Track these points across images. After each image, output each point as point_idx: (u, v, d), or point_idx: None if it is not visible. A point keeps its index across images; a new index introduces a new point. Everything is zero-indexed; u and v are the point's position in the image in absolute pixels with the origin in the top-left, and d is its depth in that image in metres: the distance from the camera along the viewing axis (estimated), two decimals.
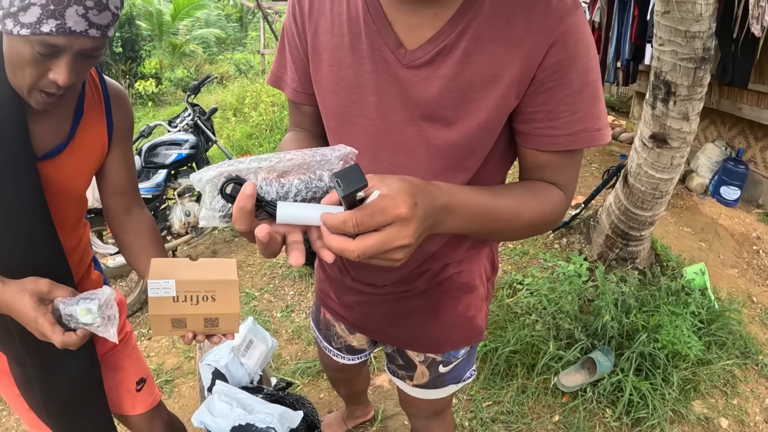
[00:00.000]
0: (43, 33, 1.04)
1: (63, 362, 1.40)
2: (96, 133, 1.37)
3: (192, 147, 4.09)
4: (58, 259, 1.33)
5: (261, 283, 4.07)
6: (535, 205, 1.05)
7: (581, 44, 0.98)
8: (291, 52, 1.23)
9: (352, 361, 1.70)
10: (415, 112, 1.07)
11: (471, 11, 0.98)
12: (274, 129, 7.48)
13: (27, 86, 1.13)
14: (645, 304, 3.09)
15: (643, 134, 3.37)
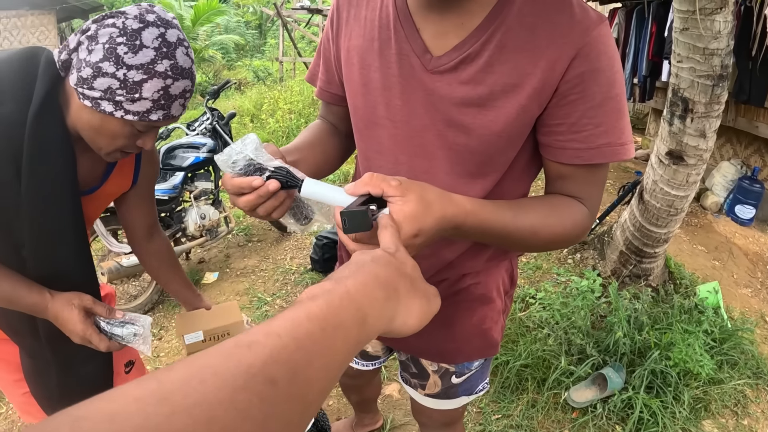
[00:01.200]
0: (150, 120, 1.19)
1: (83, 362, 1.51)
2: (122, 179, 1.51)
3: (209, 151, 4.12)
4: (91, 277, 1.46)
5: (273, 289, 4.09)
6: (555, 223, 1.06)
7: (605, 57, 1.00)
8: (324, 54, 1.33)
9: (365, 367, 1.71)
10: (437, 117, 1.10)
11: (496, 21, 1.02)
12: (290, 136, 7.53)
13: (111, 150, 1.27)
14: (657, 322, 3.07)
15: (659, 151, 3.37)
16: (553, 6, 1.01)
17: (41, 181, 1.23)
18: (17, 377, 1.56)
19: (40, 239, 1.29)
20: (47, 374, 1.51)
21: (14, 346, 1.51)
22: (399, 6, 1.12)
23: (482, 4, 1.03)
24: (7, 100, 1.16)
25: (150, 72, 1.13)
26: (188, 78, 1.20)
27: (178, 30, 1.20)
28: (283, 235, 4.94)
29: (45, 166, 1.22)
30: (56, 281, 1.35)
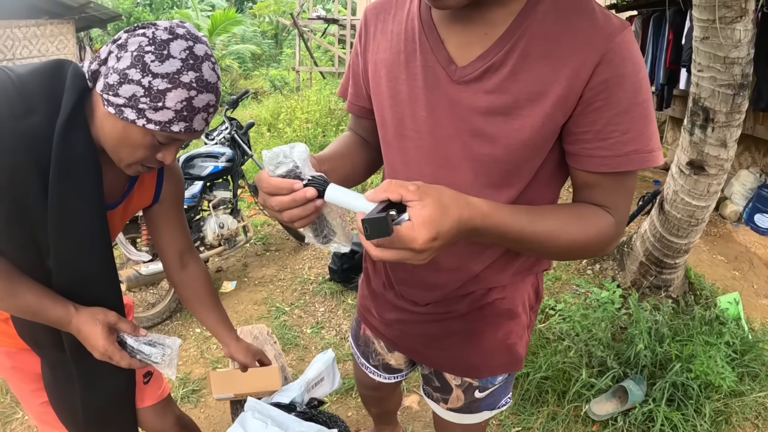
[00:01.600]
0: (172, 132, 1.19)
1: (106, 377, 1.53)
2: (143, 196, 1.53)
3: (228, 160, 4.14)
4: (116, 291, 1.47)
5: (291, 298, 4.10)
6: (576, 230, 1.05)
7: (629, 63, 0.99)
8: (353, 68, 1.37)
9: (387, 380, 1.71)
10: (462, 127, 1.11)
11: (519, 30, 1.03)
12: (307, 145, 7.48)
13: (132, 161, 1.26)
14: (678, 333, 3.04)
15: (680, 161, 3.35)
16: (576, 14, 1.01)
17: (68, 194, 1.24)
18: (35, 387, 1.58)
19: (65, 252, 1.30)
20: (69, 386, 1.52)
21: (33, 357, 1.52)
22: (424, 18, 1.14)
23: (505, 14, 1.04)
24: (35, 113, 1.18)
25: (175, 81, 1.14)
26: (212, 92, 1.21)
27: (206, 46, 1.22)
28: (301, 245, 4.96)
29: (72, 179, 1.24)
30: (80, 294, 1.36)
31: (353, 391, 3.00)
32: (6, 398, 3.14)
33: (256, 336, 2.34)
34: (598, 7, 1.03)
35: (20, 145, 1.16)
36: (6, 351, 1.54)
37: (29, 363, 1.54)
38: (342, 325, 3.73)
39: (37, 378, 1.57)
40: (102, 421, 1.60)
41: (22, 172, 1.18)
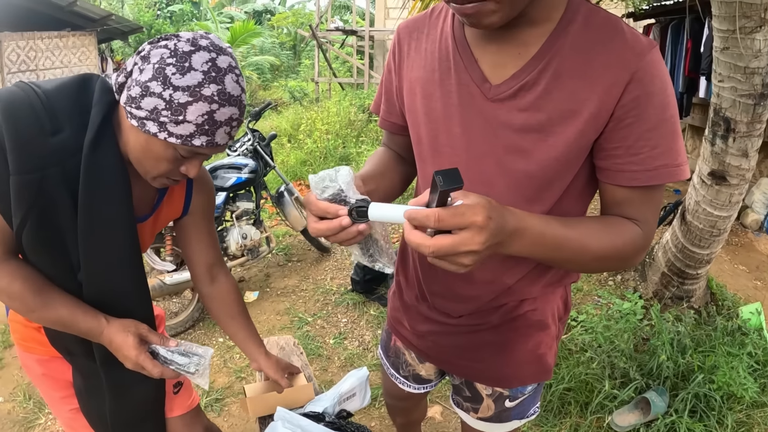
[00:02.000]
0: (193, 145, 1.18)
1: (136, 387, 1.54)
2: (173, 207, 1.53)
3: (251, 171, 4.20)
4: (146, 303, 1.49)
5: (314, 309, 4.14)
6: (605, 239, 1.08)
7: (658, 81, 1.03)
8: (386, 85, 1.40)
9: (417, 390, 1.73)
10: (496, 144, 1.14)
11: (552, 50, 1.07)
12: (327, 157, 7.61)
13: (156, 174, 1.27)
14: (700, 344, 3.04)
15: (702, 171, 3.35)
16: (606, 34, 1.05)
17: (98, 207, 1.25)
18: (65, 394, 1.60)
19: (95, 265, 1.31)
20: (100, 395, 1.53)
21: (64, 364, 1.54)
22: (458, 38, 1.18)
23: (537, 35, 1.08)
24: (63, 129, 1.19)
25: (196, 95, 1.12)
26: (235, 106, 1.18)
27: (231, 58, 1.19)
28: (323, 256, 5.00)
29: (101, 192, 1.25)
30: (111, 306, 1.37)
31: (376, 402, 3.03)
32: (29, 404, 3.21)
33: (283, 347, 2.37)
34: (626, 27, 1.06)
35: (49, 160, 1.17)
36: (38, 358, 1.56)
37: (60, 370, 1.56)
38: (364, 336, 3.76)
39: (67, 385, 1.59)
40: (131, 429, 1.62)
41: (52, 186, 1.19)
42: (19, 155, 1.14)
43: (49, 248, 1.27)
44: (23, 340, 1.54)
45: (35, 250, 1.26)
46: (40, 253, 1.28)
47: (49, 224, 1.23)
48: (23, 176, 1.15)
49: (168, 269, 3.72)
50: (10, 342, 3.92)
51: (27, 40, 9.30)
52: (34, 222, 1.20)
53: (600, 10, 1.09)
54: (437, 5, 1.29)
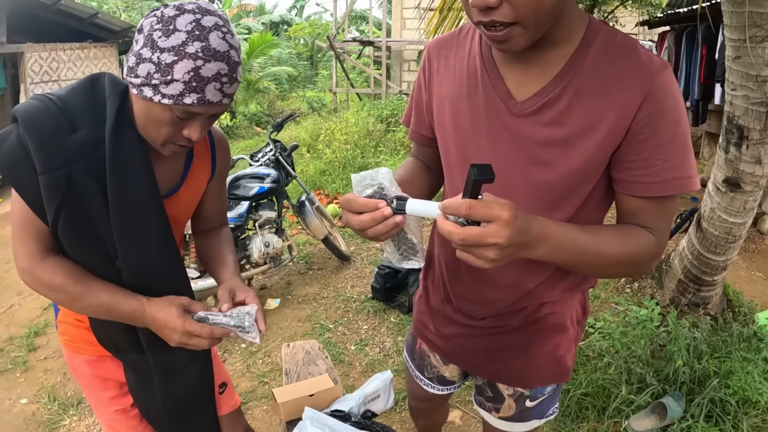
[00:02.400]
0: (185, 104, 1.19)
1: (183, 370, 1.58)
2: (202, 173, 1.56)
3: (273, 181, 4.30)
4: (184, 279, 1.52)
5: (335, 316, 4.21)
6: (621, 246, 1.15)
7: (670, 99, 1.12)
8: (416, 99, 1.49)
9: (440, 392, 1.79)
10: (520, 156, 1.23)
11: (573, 70, 1.16)
12: (346, 166, 7.69)
13: (162, 141, 1.29)
14: (716, 350, 3.08)
15: (716, 178, 3.39)
16: (623, 55, 1.14)
17: (127, 191, 1.31)
18: (112, 395, 1.63)
19: (129, 246, 1.35)
20: (152, 387, 1.57)
21: (112, 364, 1.58)
22: (485, 57, 1.28)
23: (560, 55, 1.17)
24: (81, 125, 1.27)
25: (180, 53, 1.14)
26: (223, 61, 1.18)
27: (218, 18, 1.21)
28: (343, 264, 5.08)
29: (128, 176, 1.31)
30: (150, 287, 1.40)
31: (397, 406, 3.09)
32: (53, 405, 3.32)
33: (308, 351, 2.46)
34: (642, 49, 1.15)
35: (72, 156, 1.25)
36: (87, 359, 1.59)
37: (108, 370, 1.60)
38: (385, 343, 3.82)
39: (114, 386, 1.62)
40: (184, 415, 1.64)
41: (79, 179, 1.26)
42: (43, 155, 1.22)
43: (85, 239, 1.32)
44: (72, 340, 1.58)
45: (72, 243, 1.32)
46: (77, 246, 1.33)
47: (82, 216, 1.29)
48: (50, 174, 1.23)
49: (192, 276, 3.80)
50: (35, 345, 4.06)
51: (49, 51, 9.48)
52: (67, 216, 1.27)
53: (618, 33, 1.18)
54: (465, 25, 1.39)
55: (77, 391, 3.50)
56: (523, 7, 1.01)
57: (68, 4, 9.58)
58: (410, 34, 12.79)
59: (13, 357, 3.95)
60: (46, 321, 4.44)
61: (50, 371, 3.76)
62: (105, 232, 1.32)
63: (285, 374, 2.47)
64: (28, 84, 9.18)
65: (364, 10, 21.04)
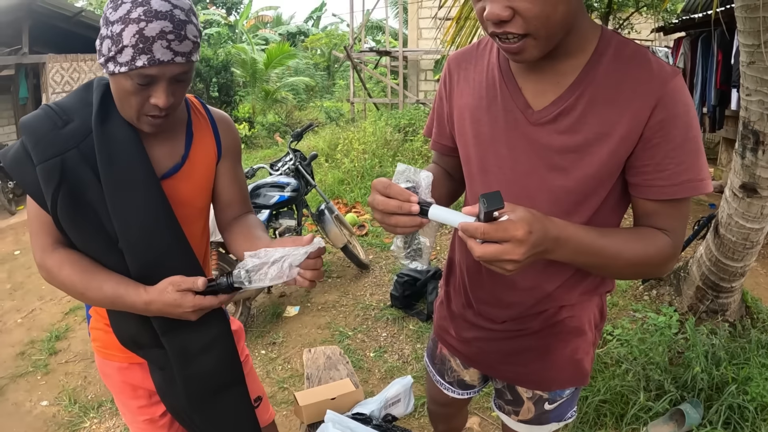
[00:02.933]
0: (138, 67, 1.23)
1: (201, 353, 1.54)
2: (206, 151, 1.56)
3: (293, 190, 4.36)
4: (190, 260, 1.50)
5: (354, 323, 4.25)
6: (638, 247, 1.20)
7: (681, 105, 1.17)
8: (438, 111, 1.56)
9: (460, 396, 1.82)
10: (538, 163, 1.29)
11: (587, 80, 1.21)
12: (365, 176, 7.76)
13: (134, 114, 1.33)
14: (735, 357, 3.08)
15: (733, 184, 3.40)
16: (635, 64, 1.19)
17: (118, 171, 1.36)
18: (142, 403, 1.65)
19: (127, 226, 1.37)
20: (176, 382, 1.55)
21: (143, 372, 1.59)
22: (503, 69, 1.34)
23: (574, 65, 1.23)
24: (73, 119, 1.37)
25: (126, 21, 1.20)
26: (165, 19, 1.22)
27: None
28: (362, 272, 5.13)
29: (118, 157, 1.36)
30: (156, 269, 1.39)
31: (416, 411, 3.12)
32: (74, 408, 3.41)
33: (329, 356, 2.50)
34: (653, 57, 1.20)
35: (65, 145, 1.34)
36: (118, 366, 1.61)
37: (139, 378, 1.61)
38: (404, 350, 3.86)
39: (145, 395, 1.64)
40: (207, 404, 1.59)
41: (73, 166, 1.33)
42: (38, 148, 1.32)
43: (85, 223, 1.37)
44: (104, 347, 1.61)
45: (73, 228, 1.37)
46: (78, 231, 1.38)
47: (79, 201, 1.35)
48: (45, 163, 1.32)
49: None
50: (56, 349, 4.17)
51: (71, 62, 9.67)
52: (64, 201, 1.33)
53: (630, 42, 1.23)
54: (484, 38, 1.46)
55: (98, 394, 3.59)
56: (534, 20, 1.07)
57: (89, 15, 9.83)
58: (427, 44, 12.86)
59: (35, 360, 4.06)
60: (67, 325, 4.55)
61: (71, 374, 3.85)
62: (104, 216, 1.37)
63: (306, 379, 2.51)
64: (50, 94, 9.35)
65: (381, 20, 21.14)
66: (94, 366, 3.87)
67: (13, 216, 8.21)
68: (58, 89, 9.74)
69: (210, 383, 1.58)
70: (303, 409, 1.98)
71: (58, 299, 5.06)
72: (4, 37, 9.47)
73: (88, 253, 1.40)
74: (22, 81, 9.87)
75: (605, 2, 7.98)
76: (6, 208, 8.22)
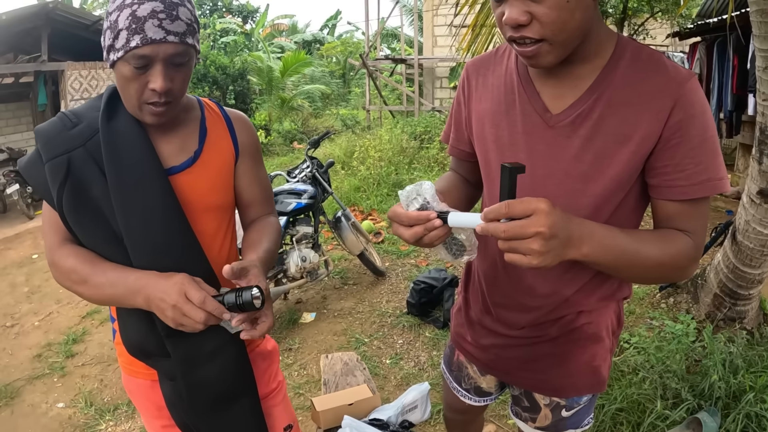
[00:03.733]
0: (132, 48, 1.24)
1: (207, 361, 1.48)
2: (222, 148, 1.54)
3: (310, 197, 4.40)
4: (198, 257, 1.45)
5: (370, 330, 4.27)
6: (660, 248, 1.21)
7: (698, 105, 1.19)
8: (456, 116, 1.59)
9: (477, 403, 1.84)
10: (557, 167, 1.31)
11: (604, 82, 1.24)
12: (381, 183, 7.80)
13: (136, 103, 1.34)
14: (752, 365, 3.06)
15: (750, 190, 3.38)
16: (651, 67, 1.22)
17: (123, 166, 1.37)
18: (164, 423, 1.61)
19: (131, 221, 1.36)
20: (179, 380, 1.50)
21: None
22: (521, 73, 1.37)
23: (591, 69, 1.25)
24: (82, 121, 1.41)
25: (121, 7, 1.24)
26: (156, 0, 1.25)
27: None
28: (378, 279, 5.15)
29: (123, 151, 1.38)
30: (163, 264, 1.35)
31: (432, 419, 3.13)
32: (90, 410, 3.46)
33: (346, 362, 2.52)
34: (668, 61, 1.23)
35: (71, 144, 1.37)
36: (143, 383, 1.58)
37: (159, 395, 1.55)
38: (420, 357, 3.86)
39: (168, 415, 1.57)
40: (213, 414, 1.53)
41: (79, 163, 1.36)
42: (46, 148, 1.37)
43: (90, 220, 1.37)
44: (129, 363, 1.58)
45: (79, 225, 1.38)
46: (83, 227, 1.38)
47: (84, 197, 1.36)
48: (53, 161, 1.35)
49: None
50: (72, 352, 4.24)
51: (89, 69, 9.81)
52: (69, 197, 1.35)
53: (645, 48, 1.26)
54: (501, 45, 1.49)
55: (114, 397, 3.63)
56: (551, 26, 1.11)
57: None
58: (442, 52, 12.88)
59: (51, 362, 4.13)
60: (84, 329, 4.62)
61: (87, 377, 3.91)
62: (109, 212, 1.37)
63: (324, 384, 2.52)
64: (68, 101, 9.49)
65: (396, 28, 21.22)
66: (111, 369, 3.95)
67: (31, 220, 8.38)
68: (77, 96, 9.88)
69: (215, 392, 1.52)
70: (320, 414, 1.99)
71: (76, 303, 5.14)
72: (23, 44, 9.66)
73: (95, 250, 1.40)
74: (41, 88, 10.04)
75: (620, 8, 7.98)
76: (25, 212, 8.39)
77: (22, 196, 8.38)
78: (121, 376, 1.67)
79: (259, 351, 1.71)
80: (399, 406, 2.02)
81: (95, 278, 1.35)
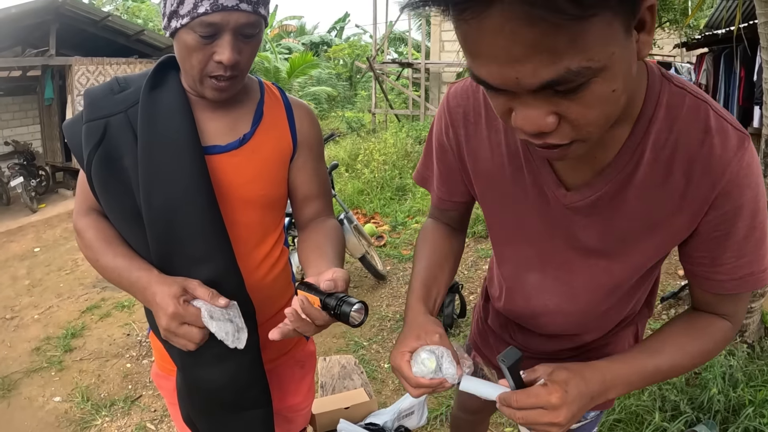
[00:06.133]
0: (200, 14, 1.13)
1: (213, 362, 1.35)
2: (277, 137, 1.41)
3: None
4: (221, 250, 1.32)
5: (369, 334, 4.25)
6: (695, 349, 1.09)
7: (748, 191, 0.95)
8: (443, 163, 1.28)
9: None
10: (574, 254, 1.16)
11: (632, 157, 0.98)
12: (384, 187, 7.78)
13: (198, 74, 1.23)
14: (752, 379, 3.04)
15: None
16: (693, 132, 0.94)
17: (157, 137, 1.27)
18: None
19: (153, 191, 1.26)
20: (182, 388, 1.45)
21: None
22: None
23: (615, 136, 0.97)
24: (131, 86, 1.33)
25: None
26: None
27: None
28: (379, 283, 5.14)
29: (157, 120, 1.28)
30: (177, 248, 1.27)
31: (429, 425, 3.12)
32: (86, 405, 3.46)
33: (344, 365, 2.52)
34: (714, 122, 0.93)
35: (113, 109, 1.30)
36: (171, 379, 1.51)
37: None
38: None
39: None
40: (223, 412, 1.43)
41: (116, 130, 1.28)
42: (88, 109, 1.31)
43: (116, 190, 1.29)
44: (163, 360, 1.51)
45: (104, 193, 1.30)
46: (107, 195, 1.31)
47: (114, 165, 1.28)
48: (91, 122, 1.29)
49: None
50: (71, 346, 4.25)
51: (96, 65, 9.82)
52: (99, 162, 1.27)
53: (683, 96, 0.95)
54: None
55: (111, 393, 3.64)
56: (588, 126, 0.79)
57: (115, 20, 10.06)
58: (449, 56, 12.91)
59: (49, 356, 4.14)
60: (84, 324, 4.62)
61: (85, 372, 3.91)
62: (136, 187, 1.27)
63: (320, 387, 2.52)
64: (75, 96, 9.51)
65: (403, 32, 21.20)
66: (109, 365, 3.95)
67: (34, 214, 8.43)
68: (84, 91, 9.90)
69: (218, 398, 1.41)
70: (316, 417, 1.99)
71: (76, 297, 5.15)
72: (31, 38, 9.70)
73: (115, 225, 1.34)
74: (48, 82, 10.07)
75: None
76: (28, 205, 8.44)
77: (26, 189, 8.43)
78: (117, 373, 1.66)
79: (297, 357, 1.63)
80: (395, 411, 2.01)
81: (105, 260, 1.29)
